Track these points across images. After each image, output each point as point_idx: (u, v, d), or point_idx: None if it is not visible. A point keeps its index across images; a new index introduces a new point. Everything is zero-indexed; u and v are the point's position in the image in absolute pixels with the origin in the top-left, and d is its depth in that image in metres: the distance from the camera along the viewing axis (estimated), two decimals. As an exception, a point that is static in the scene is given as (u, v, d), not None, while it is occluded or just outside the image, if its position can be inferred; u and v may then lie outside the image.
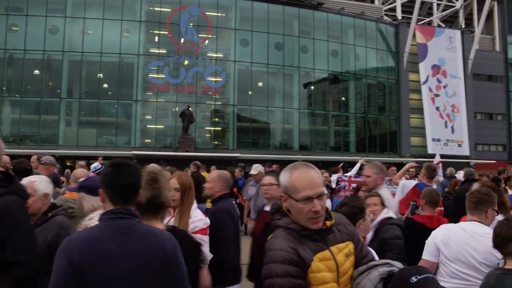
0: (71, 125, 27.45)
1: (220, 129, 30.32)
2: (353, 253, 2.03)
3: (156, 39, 28.29)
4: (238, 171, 12.88)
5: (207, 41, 29.01)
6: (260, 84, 29.98)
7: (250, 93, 29.40)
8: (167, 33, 27.79)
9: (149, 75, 27.76)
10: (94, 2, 26.83)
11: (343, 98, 32.71)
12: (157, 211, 2.41)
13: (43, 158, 6.25)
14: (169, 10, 28.05)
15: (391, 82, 33.30)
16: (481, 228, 3.14)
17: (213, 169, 10.50)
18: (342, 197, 7.87)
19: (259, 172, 7.66)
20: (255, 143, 29.36)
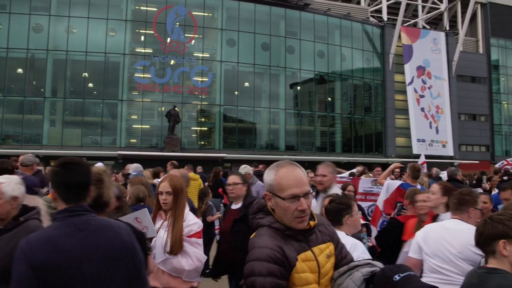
0: (55, 124, 27.12)
1: (206, 129, 30.22)
2: (334, 254, 2.02)
3: (142, 38, 28.10)
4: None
5: (193, 41, 28.90)
6: (247, 84, 29.97)
7: (236, 93, 29.37)
8: (153, 32, 27.62)
9: (135, 75, 27.54)
10: (79, 0, 26.55)
11: (329, 99, 32.85)
12: (102, 209, 2.47)
13: (22, 158, 6.14)
14: (155, 9, 27.90)
15: (377, 83, 33.55)
16: (459, 224, 3.22)
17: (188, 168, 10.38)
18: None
19: (247, 173, 7.68)
20: (241, 143, 29.34)
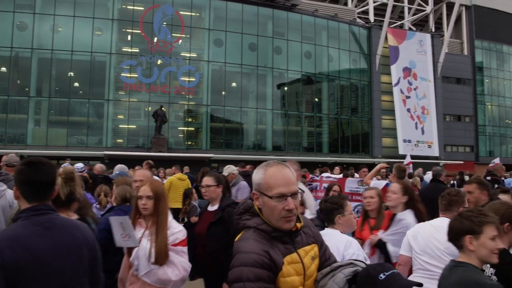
0: (40, 124, 26.79)
1: (193, 129, 30.12)
2: (318, 256, 2.02)
3: (129, 38, 27.91)
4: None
5: (180, 41, 28.79)
6: (234, 84, 29.94)
7: (223, 93, 29.32)
8: (140, 32, 27.45)
9: (122, 74, 27.33)
10: (64, -1, 26.32)
11: (316, 99, 32.97)
12: (71, 204, 2.69)
13: (7, 159, 6.06)
14: (142, 8, 27.73)
15: (364, 83, 33.76)
16: (447, 222, 3.27)
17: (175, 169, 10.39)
18: (314, 197, 7.93)
19: (230, 173, 7.64)
20: (228, 143, 29.30)
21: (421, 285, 1.76)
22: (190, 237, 3.55)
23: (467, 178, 10.59)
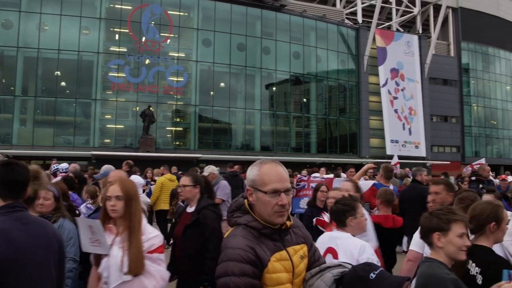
0: (26, 124, 26.47)
1: (182, 129, 30.03)
2: (307, 256, 2.07)
3: (117, 37, 27.72)
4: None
5: (168, 40, 28.67)
6: (222, 84, 29.91)
7: (212, 93, 29.27)
8: (128, 31, 27.28)
9: (109, 74, 27.12)
10: (51, -3, 26.06)
11: (304, 100, 33.07)
12: (32, 203, 2.80)
13: (-7, 158, 6.00)
14: (130, 8, 27.56)
15: (352, 84, 33.93)
16: None
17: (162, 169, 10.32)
18: (302, 196, 7.98)
19: (211, 174, 7.68)
20: (216, 143, 29.26)
21: (409, 279, 1.80)
22: None
23: (452, 179, 10.72)
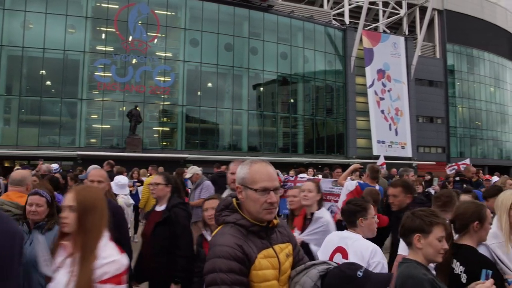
0: (10, 123, 26.12)
1: (169, 129, 29.88)
2: (292, 254, 2.13)
3: (103, 36, 27.48)
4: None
5: (156, 40, 28.51)
6: (209, 84, 29.84)
7: (199, 93, 29.18)
8: (114, 30, 27.08)
9: (95, 73, 26.86)
10: (36, -5, 25.74)
11: (291, 100, 33.15)
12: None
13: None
14: (117, 7, 27.36)
15: (339, 85, 34.10)
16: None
17: (153, 170, 10.27)
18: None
19: (194, 174, 7.77)
20: (203, 143, 29.18)
21: (392, 274, 1.84)
22: None
23: (435, 180, 10.90)
